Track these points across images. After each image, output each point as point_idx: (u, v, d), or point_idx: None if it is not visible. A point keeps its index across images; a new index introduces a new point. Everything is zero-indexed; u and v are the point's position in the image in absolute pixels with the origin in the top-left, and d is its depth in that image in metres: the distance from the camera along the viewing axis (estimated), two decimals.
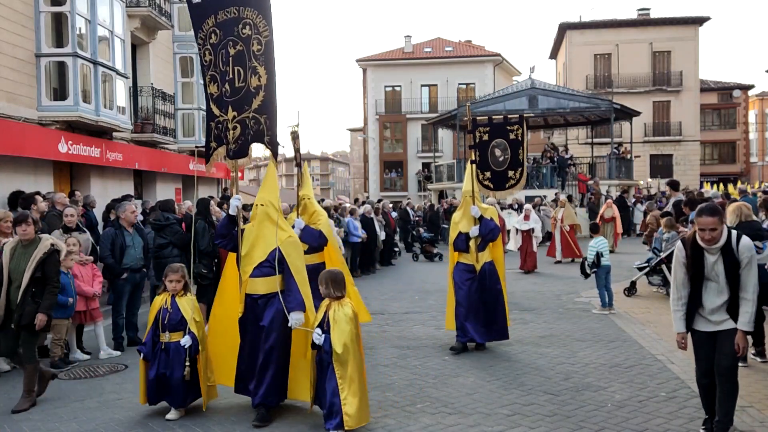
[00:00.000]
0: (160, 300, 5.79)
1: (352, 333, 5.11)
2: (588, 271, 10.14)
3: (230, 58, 5.68)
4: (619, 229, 19.76)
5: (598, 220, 18.14)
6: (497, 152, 8.19)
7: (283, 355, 5.62)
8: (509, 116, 8.46)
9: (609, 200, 20.31)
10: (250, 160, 5.87)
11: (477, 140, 8.25)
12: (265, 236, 5.63)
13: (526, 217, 15.45)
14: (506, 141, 8.17)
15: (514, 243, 15.53)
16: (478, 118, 8.46)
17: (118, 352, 8.08)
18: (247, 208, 7.99)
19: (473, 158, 8.18)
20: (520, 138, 8.16)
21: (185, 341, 5.59)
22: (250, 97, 5.58)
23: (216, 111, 5.91)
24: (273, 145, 5.58)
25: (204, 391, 5.70)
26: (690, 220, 10.01)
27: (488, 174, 8.25)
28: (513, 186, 8.25)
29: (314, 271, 7.50)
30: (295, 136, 8.26)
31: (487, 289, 7.85)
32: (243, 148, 5.77)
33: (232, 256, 6.38)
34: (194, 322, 5.65)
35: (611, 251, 17.16)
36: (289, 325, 5.47)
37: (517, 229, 15.25)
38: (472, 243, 7.88)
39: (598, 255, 9.98)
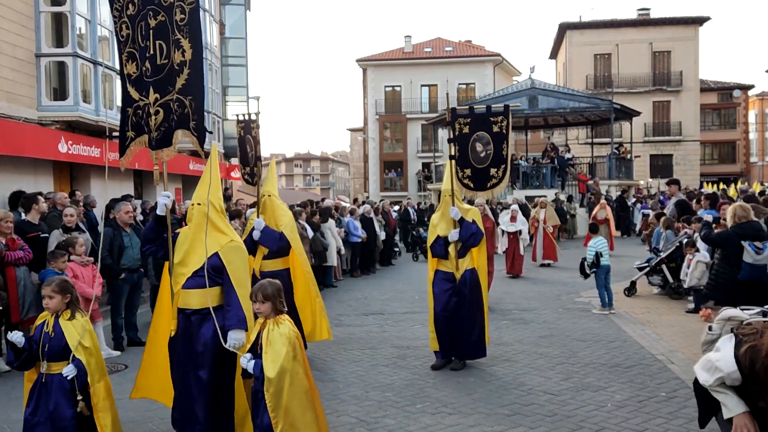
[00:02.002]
0: (41, 319, 4.51)
1: (290, 355, 4.18)
2: (587, 271, 10.13)
3: (150, 31, 4.81)
4: (614, 231, 19.14)
5: (590, 221, 18.10)
6: (478, 147, 7.20)
7: (222, 387, 4.74)
8: (492, 106, 7.44)
9: (603, 201, 19.70)
10: (175, 150, 4.94)
11: (456, 133, 7.28)
12: (202, 241, 4.76)
13: (513, 219, 14.62)
14: (489, 134, 7.17)
15: (500, 245, 14.64)
16: (458, 108, 7.48)
17: (118, 352, 8.08)
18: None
19: (452, 153, 7.28)
20: (504, 131, 7.15)
21: (68, 371, 4.33)
22: (173, 76, 4.71)
23: (135, 94, 5.07)
24: (199, 132, 4.71)
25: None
26: (695, 219, 10.03)
27: (468, 171, 7.29)
28: (495, 185, 7.27)
29: (276, 278, 7.38)
30: (252, 126, 7.81)
31: (466, 301, 6.97)
32: (167, 136, 4.85)
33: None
34: (82, 348, 4.38)
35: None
36: (226, 345, 4.60)
37: (503, 231, 14.53)
38: (451, 248, 7.07)
39: (597, 255, 9.98)
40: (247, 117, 7.93)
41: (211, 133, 6.08)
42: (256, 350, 4.32)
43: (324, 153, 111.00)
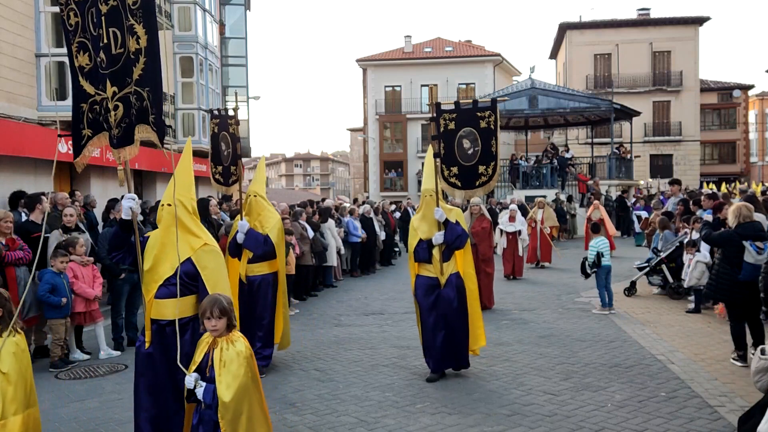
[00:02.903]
0: None
1: (248, 376, 3.81)
2: (588, 270, 10.13)
3: (102, 18, 4.39)
4: (612, 231, 18.50)
5: (585, 223, 17.96)
6: (465, 144, 6.81)
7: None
8: (479, 100, 7.07)
9: (596, 201, 19.12)
10: (137, 149, 4.50)
11: (441, 129, 6.88)
12: (173, 245, 4.37)
13: (512, 219, 14.12)
14: (476, 130, 6.77)
15: (498, 246, 14.07)
16: (442, 102, 7.02)
17: (118, 352, 8.08)
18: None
19: (437, 151, 6.90)
20: (492, 126, 6.75)
21: None
22: (130, 66, 4.35)
23: (89, 88, 4.64)
24: (159, 127, 4.33)
25: None
26: (695, 219, 10.02)
27: (455, 170, 6.87)
28: (484, 184, 6.84)
29: (263, 284, 6.98)
30: (230, 122, 7.36)
31: (453, 308, 6.60)
32: (128, 134, 4.44)
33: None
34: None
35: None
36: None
37: (501, 231, 14.05)
38: (435, 252, 6.67)
39: (599, 255, 9.98)
40: (223, 112, 7.54)
41: (170, 127, 5.62)
42: (204, 373, 3.86)
43: (324, 153, 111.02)
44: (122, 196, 4.80)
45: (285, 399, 6.09)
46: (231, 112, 7.47)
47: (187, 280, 4.39)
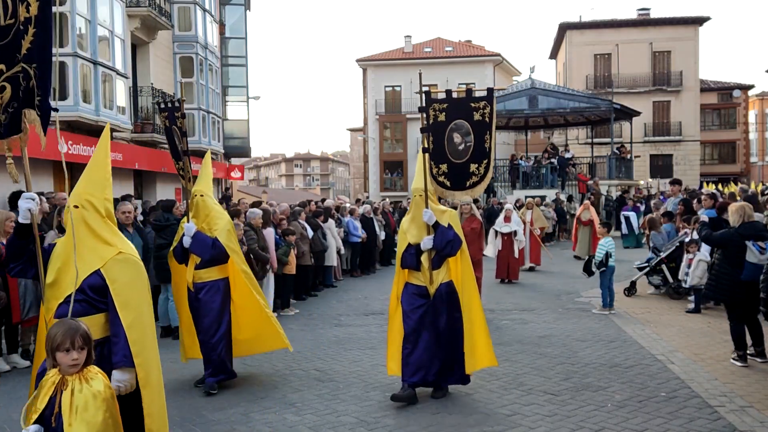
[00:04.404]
0: None
1: (108, 423, 3.12)
2: (594, 269, 10.10)
3: None
4: (599, 232, 18.60)
5: (575, 224, 17.84)
6: (456, 138, 6.06)
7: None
8: (474, 89, 6.25)
9: (586, 201, 18.88)
10: (27, 137, 3.91)
11: (431, 121, 6.14)
12: (81, 254, 3.70)
13: (507, 219, 13.51)
14: (469, 123, 6.01)
15: (492, 248, 13.39)
16: (433, 91, 6.26)
17: None
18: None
19: (425, 145, 6.12)
20: (487, 119, 5.97)
21: None
22: (19, 39, 3.78)
23: None
24: (44, 113, 3.80)
25: None
26: (695, 219, 10.01)
27: (444, 167, 6.11)
28: (476, 184, 6.13)
29: (210, 291, 6.41)
30: (177, 115, 6.71)
31: (443, 320, 5.91)
32: (16, 120, 3.84)
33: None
34: None
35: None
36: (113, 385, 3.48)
37: (496, 232, 13.42)
38: (424, 258, 5.95)
39: (607, 255, 9.98)
40: (170, 104, 6.95)
41: (56, 110, 4.68)
42: (50, 423, 3.06)
43: (324, 153, 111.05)
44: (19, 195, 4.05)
45: (285, 399, 6.09)
46: (176, 104, 6.86)
47: (94, 295, 3.71)
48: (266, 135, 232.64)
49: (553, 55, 50.30)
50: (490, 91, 6.09)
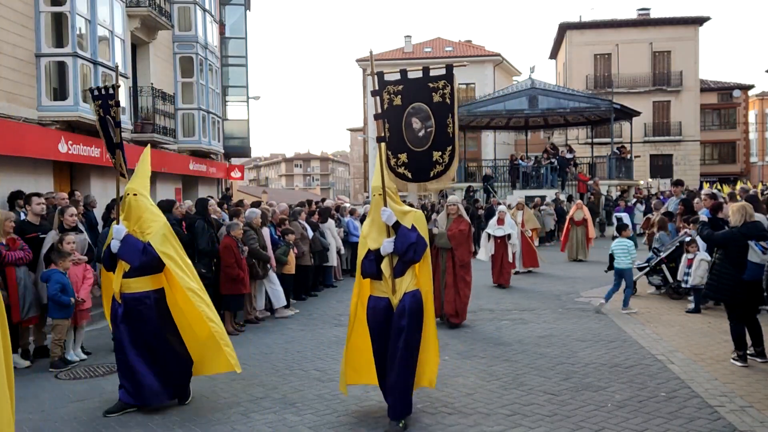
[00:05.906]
0: None
1: None
2: (638, 271, 10.27)
3: None
4: (591, 234, 17.62)
5: (566, 224, 17.64)
6: (415, 123, 5.31)
7: None
8: (430, 67, 5.41)
9: (579, 201, 18.47)
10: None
11: (385, 106, 5.37)
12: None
13: (500, 221, 12.90)
14: (428, 106, 5.29)
15: (485, 252, 12.85)
16: (385, 72, 5.43)
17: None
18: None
19: (381, 134, 5.44)
20: (448, 101, 5.29)
21: None
22: None
23: None
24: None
25: None
26: (694, 220, 10.02)
27: (403, 157, 5.38)
28: (440, 174, 5.34)
29: (142, 304, 5.70)
30: (110, 103, 6.09)
31: (402, 338, 5.18)
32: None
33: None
34: None
35: (581, 260, 16.94)
36: None
37: (489, 235, 12.84)
38: (385, 265, 5.26)
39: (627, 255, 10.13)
40: (103, 91, 6.29)
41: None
42: None
43: (324, 153, 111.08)
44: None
45: (285, 399, 6.09)
46: (111, 90, 6.21)
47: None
48: (266, 135, 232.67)
49: (553, 55, 50.31)
50: (449, 68, 5.34)
